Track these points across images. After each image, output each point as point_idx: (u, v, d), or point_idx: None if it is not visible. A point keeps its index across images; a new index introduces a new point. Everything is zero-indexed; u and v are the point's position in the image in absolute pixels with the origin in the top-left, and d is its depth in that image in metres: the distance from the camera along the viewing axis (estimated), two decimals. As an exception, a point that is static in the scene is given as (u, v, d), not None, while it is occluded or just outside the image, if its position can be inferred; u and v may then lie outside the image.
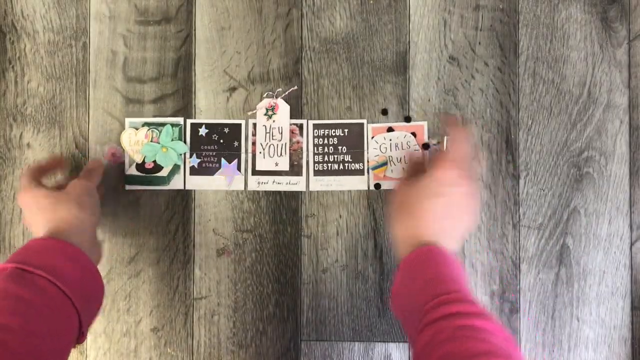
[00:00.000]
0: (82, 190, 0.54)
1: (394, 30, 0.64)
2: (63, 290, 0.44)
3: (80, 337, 0.48)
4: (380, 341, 0.64)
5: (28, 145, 0.64)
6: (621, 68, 0.64)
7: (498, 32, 0.64)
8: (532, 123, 0.64)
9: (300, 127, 0.64)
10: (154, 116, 0.64)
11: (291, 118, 0.64)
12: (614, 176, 0.63)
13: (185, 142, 0.64)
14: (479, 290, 0.63)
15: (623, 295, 0.63)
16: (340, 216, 0.64)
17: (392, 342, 0.63)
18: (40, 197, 0.53)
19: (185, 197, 0.64)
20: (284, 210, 0.64)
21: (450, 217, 0.51)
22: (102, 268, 0.64)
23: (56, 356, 0.43)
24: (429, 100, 0.64)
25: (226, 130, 0.64)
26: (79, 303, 0.46)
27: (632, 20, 0.64)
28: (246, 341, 0.64)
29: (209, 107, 0.64)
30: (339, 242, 0.64)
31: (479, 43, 0.64)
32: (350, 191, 0.64)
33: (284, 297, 0.64)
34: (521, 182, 0.64)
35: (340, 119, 0.64)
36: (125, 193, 0.64)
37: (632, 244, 0.64)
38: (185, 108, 0.64)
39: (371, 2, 0.64)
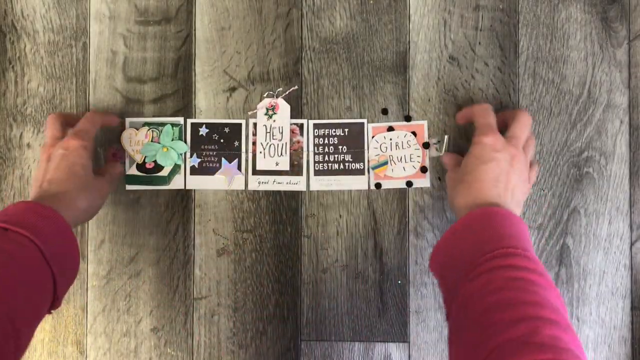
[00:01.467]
0: (76, 155, 0.54)
1: (394, 30, 0.64)
2: (40, 249, 0.45)
3: (55, 302, 0.48)
4: (380, 341, 0.64)
5: (28, 145, 0.64)
6: (621, 68, 0.64)
7: (498, 32, 0.64)
8: (532, 123, 0.64)
9: (301, 126, 0.64)
10: (154, 116, 0.64)
11: (291, 118, 0.64)
12: (614, 176, 0.63)
13: (185, 141, 0.64)
14: (479, 290, 0.63)
15: (623, 295, 0.63)
16: (340, 216, 0.64)
17: (392, 342, 0.63)
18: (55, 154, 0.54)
19: (185, 197, 0.64)
20: (284, 210, 0.64)
21: (504, 180, 0.52)
22: (102, 268, 0.64)
23: (30, 312, 0.44)
24: (429, 100, 0.64)
25: (226, 130, 0.64)
26: (54, 263, 0.46)
27: (632, 20, 0.64)
28: (246, 341, 0.64)
29: (209, 107, 0.64)
30: (339, 242, 0.64)
31: (479, 43, 0.64)
32: (350, 191, 0.64)
33: (284, 297, 0.64)
34: (521, 182, 0.64)
35: (340, 118, 0.64)
36: (125, 193, 0.64)
37: (632, 244, 0.64)
38: (185, 108, 0.64)
39: (371, 2, 0.64)
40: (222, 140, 0.64)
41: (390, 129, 0.63)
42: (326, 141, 0.64)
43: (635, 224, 0.63)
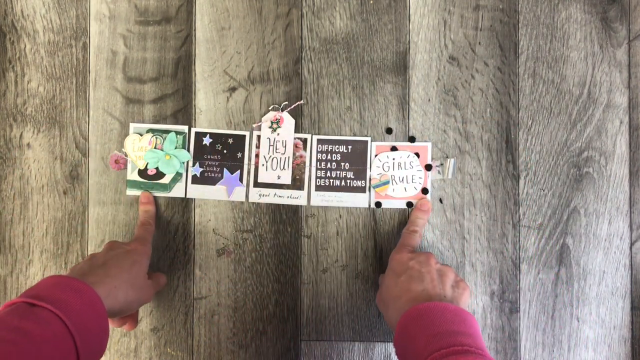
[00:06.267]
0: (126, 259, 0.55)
1: (394, 30, 0.64)
2: (65, 323, 0.44)
3: None
4: (380, 341, 0.64)
5: (28, 145, 0.64)
6: (621, 68, 0.64)
7: (498, 32, 0.64)
8: (532, 123, 0.64)
9: (304, 141, 0.64)
10: (154, 116, 0.64)
11: (295, 132, 0.64)
12: (614, 176, 0.63)
13: (188, 150, 0.64)
14: (479, 290, 0.63)
15: (623, 295, 0.63)
16: (340, 216, 0.64)
17: (392, 342, 0.63)
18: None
19: (185, 197, 0.64)
20: (284, 210, 0.64)
21: (429, 278, 0.52)
22: (102, 268, 0.64)
23: None
24: (429, 100, 0.64)
25: (230, 140, 0.64)
26: (80, 338, 0.45)
27: (632, 20, 0.64)
28: (246, 341, 0.64)
29: (209, 107, 0.64)
30: (339, 242, 0.64)
31: (479, 43, 0.64)
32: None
33: (284, 297, 0.64)
34: (521, 182, 0.64)
35: (340, 119, 0.64)
36: (125, 192, 0.64)
37: (632, 244, 0.64)
38: (185, 108, 0.64)
39: (371, 2, 0.64)
40: (225, 151, 0.64)
41: (394, 148, 0.63)
42: (329, 157, 0.64)
43: (635, 224, 0.63)
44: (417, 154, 0.63)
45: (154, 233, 0.62)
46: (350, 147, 0.64)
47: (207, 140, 0.64)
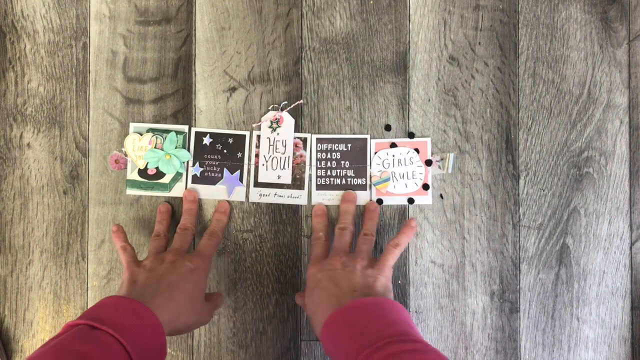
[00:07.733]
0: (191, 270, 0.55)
1: (394, 30, 0.64)
2: (125, 348, 0.45)
3: None
4: (380, 341, 0.63)
5: (28, 145, 0.64)
6: (621, 68, 0.64)
7: (498, 32, 0.64)
8: (532, 123, 0.64)
9: (304, 140, 0.64)
10: (154, 116, 0.64)
11: (295, 132, 0.64)
12: (614, 176, 0.63)
13: (188, 150, 0.64)
14: (479, 290, 0.63)
15: (623, 295, 0.63)
16: (340, 216, 0.64)
17: (392, 342, 0.63)
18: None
19: (185, 197, 0.64)
20: (284, 210, 0.64)
21: (334, 285, 0.54)
22: (103, 268, 0.64)
23: None
24: (429, 100, 0.64)
25: (230, 140, 0.64)
26: None
27: (632, 20, 0.64)
28: (246, 341, 0.64)
29: (209, 107, 0.64)
30: (339, 242, 0.64)
31: (479, 43, 0.64)
32: (350, 191, 0.64)
33: (284, 297, 0.64)
34: (521, 182, 0.64)
35: (340, 119, 0.64)
36: (125, 193, 0.64)
37: (632, 244, 0.64)
38: (186, 108, 0.64)
39: (371, 2, 0.64)
40: (225, 151, 0.64)
41: (393, 145, 0.63)
42: (329, 156, 0.64)
43: (635, 224, 0.63)
44: (417, 150, 0.63)
45: (219, 246, 0.62)
46: (349, 145, 0.64)
47: (207, 140, 0.64)
